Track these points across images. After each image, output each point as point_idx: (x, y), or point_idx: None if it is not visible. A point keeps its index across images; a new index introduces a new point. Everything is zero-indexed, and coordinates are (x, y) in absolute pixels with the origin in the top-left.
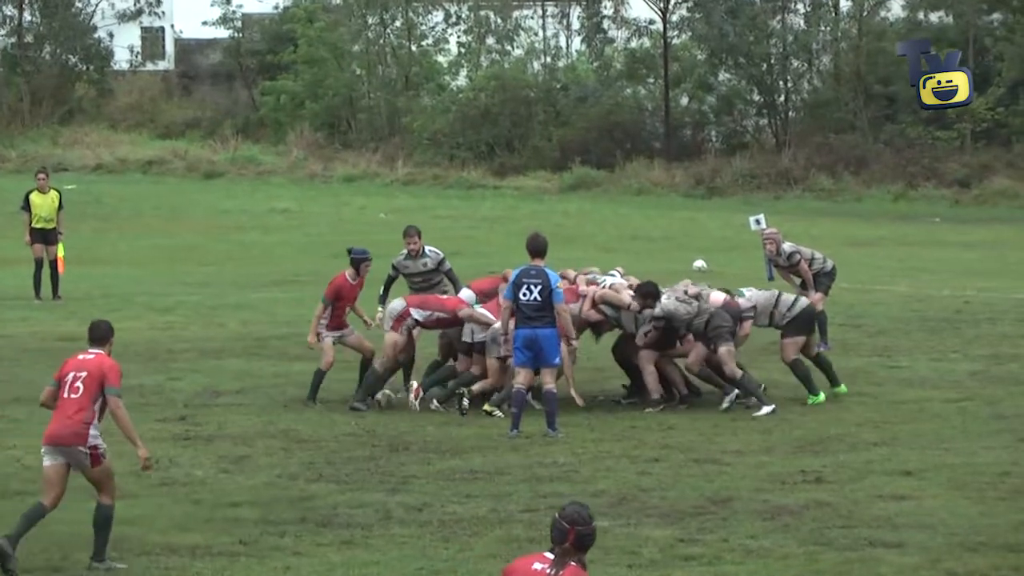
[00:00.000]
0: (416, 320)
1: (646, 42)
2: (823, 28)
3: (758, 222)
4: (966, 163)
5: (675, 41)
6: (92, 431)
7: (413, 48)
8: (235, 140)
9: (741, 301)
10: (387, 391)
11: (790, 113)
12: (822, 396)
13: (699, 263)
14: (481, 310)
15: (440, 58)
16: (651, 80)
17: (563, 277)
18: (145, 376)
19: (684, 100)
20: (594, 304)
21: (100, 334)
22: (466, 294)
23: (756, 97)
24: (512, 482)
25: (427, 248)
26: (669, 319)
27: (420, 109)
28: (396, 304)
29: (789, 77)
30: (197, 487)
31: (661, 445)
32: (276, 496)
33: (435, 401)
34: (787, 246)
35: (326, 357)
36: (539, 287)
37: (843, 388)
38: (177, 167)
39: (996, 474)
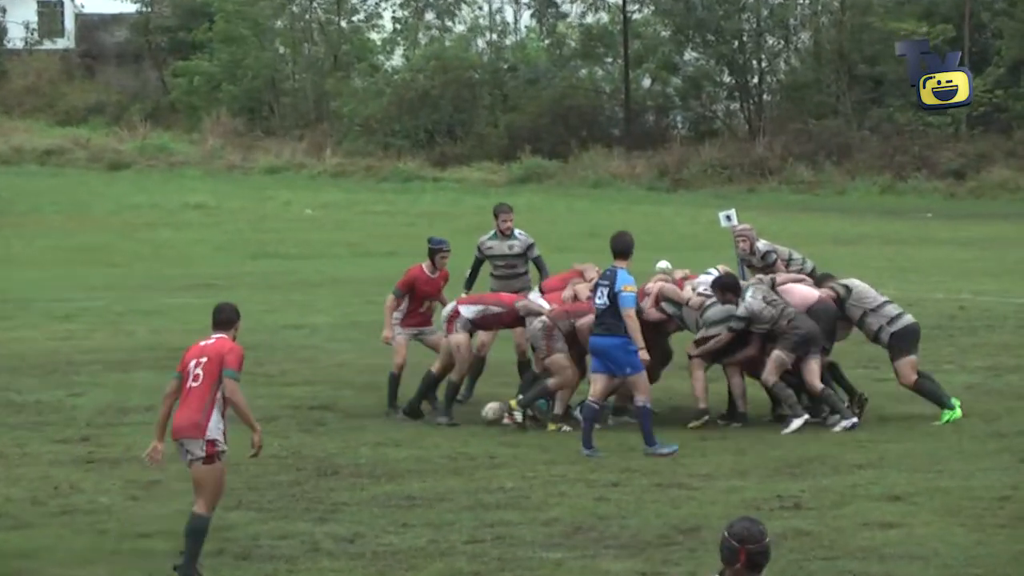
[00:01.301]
0: (468, 319)
1: (603, 17)
2: (801, 1)
3: (729, 218)
4: (961, 152)
5: (636, 16)
6: (212, 423)
7: (343, 24)
8: (144, 127)
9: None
10: (494, 404)
11: (765, 96)
12: (958, 410)
13: (663, 263)
14: (539, 300)
15: (373, 35)
16: (609, 60)
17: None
18: (43, 392)
19: (646, 82)
20: (656, 302)
21: (224, 317)
22: (534, 296)
23: (727, 78)
24: (454, 510)
25: (516, 230)
26: (750, 321)
27: (351, 92)
28: (447, 307)
29: (764, 56)
30: (102, 516)
31: (621, 468)
32: None
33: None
34: (762, 244)
35: (396, 357)
36: (607, 290)
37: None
38: (79, 157)
39: (994, 499)
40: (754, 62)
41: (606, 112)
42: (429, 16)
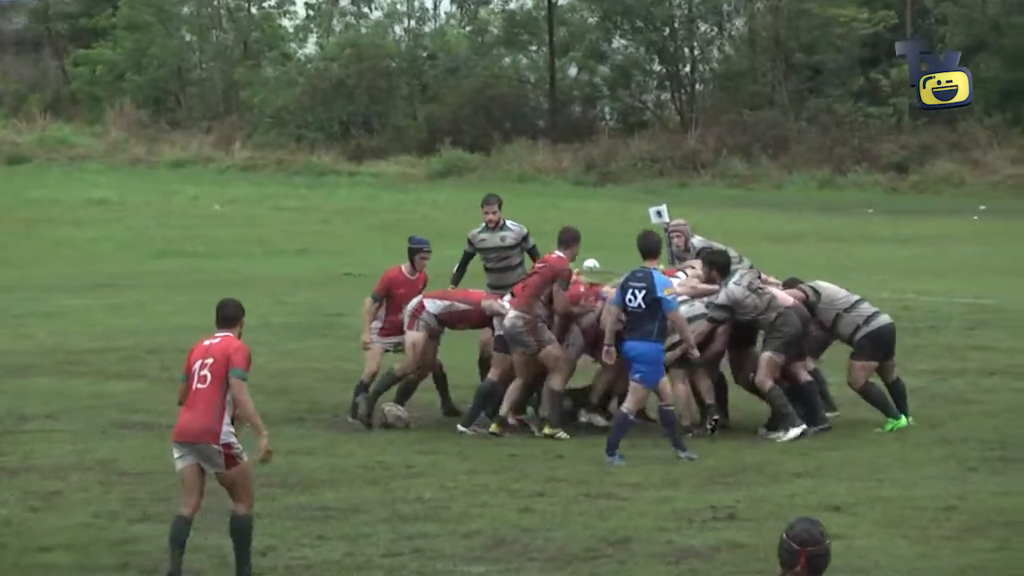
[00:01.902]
0: (433, 314)
1: (527, 2)
2: None
3: (659, 214)
4: (904, 144)
5: (562, 1)
6: (224, 426)
7: (253, 10)
8: (43, 119)
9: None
10: (397, 408)
11: (697, 86)
12: (903, 420)
13: (590, 263)
14: (501, 301)
15: (285, 22)
16: (534, 48)
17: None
18: None
19: (572, 71)
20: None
21: (229, 314)
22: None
23: (657, 67)
24: (371, 522)
25: (508, 221)
26: (732, 310)
27: (261, 82)
28: (412, 301)
29: (696, 44)
30: (1, 529)
31: (546, 477)
32: (94, 538)
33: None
34: (697, 241)
35: (368, 366)
36: (644, 293)
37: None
38: None
39: (939, 509)
40: (686, 50)
41: (530, 103)
42: (344, 2)
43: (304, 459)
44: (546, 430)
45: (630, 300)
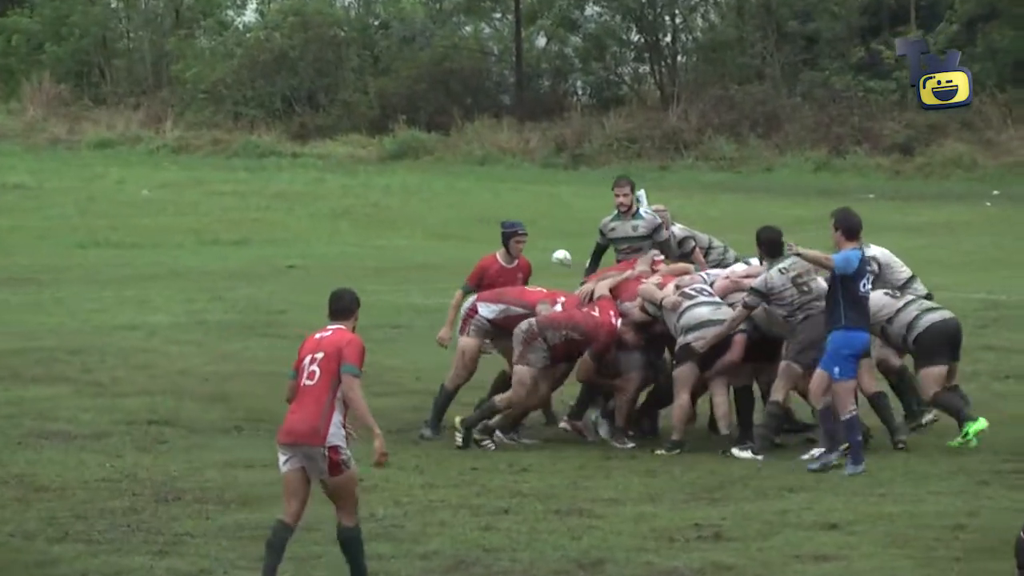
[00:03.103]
0: (486, 319)
1: None
2: None
3: (639, 200)
4: (909, 123)
5: None
6: (333, 428)
7: None
8: None
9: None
10: (498, 434)
11: (679, 58)
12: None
13: (561, 254)
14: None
15: None
16: (498, 15)
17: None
18: None
19: (541, 41)
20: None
21: (344, 305)
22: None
23: (635, 37)
24: (319, 541)
25: (643, 209)
26: (766, 297)
27: (195, 54)
28: (466, 303)
29: (678, 11)
30: None
31: (512, 492)
32: (9, 560)
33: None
34: (678, 229)
35: (457, 368)
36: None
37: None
38: None
39: (947, 527)
40: (666, 18)
41: (494, 77)
42: None
43: (243, 472)
44: (473, 435)
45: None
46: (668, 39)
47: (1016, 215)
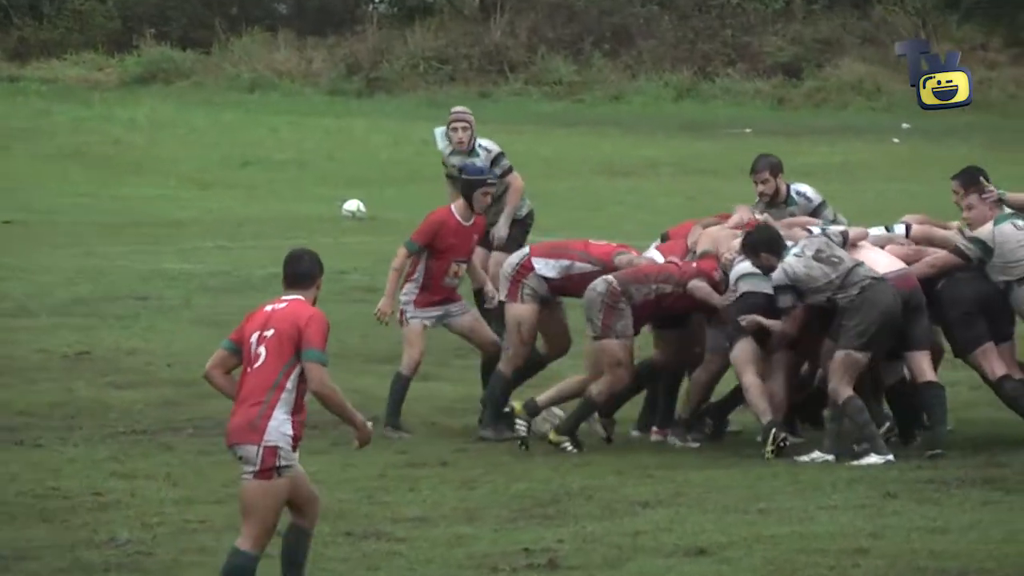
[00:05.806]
0: (544, 278)
1: None
2: None
3: (435, 138)
4: (795, 37)
5: None
6: (275, 423)
7: None
8: None
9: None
10: (555, 410)
11: None
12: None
13: (352, 205)
14: (646, 254)
15: None
16: None
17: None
18: None
19: None
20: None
21: (303, 269)
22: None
23: None
24: (42, 572)
25: (796, 189)
26: (797, 290)
27: None
28: (514, 256)
29: None
30: None
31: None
32: None
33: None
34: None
35: (411, 351)
36: None
37: None
38: None
39: (845, 551)
40: None
41: None
42: None
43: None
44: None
45: None
46: None
47: (931, 154)
